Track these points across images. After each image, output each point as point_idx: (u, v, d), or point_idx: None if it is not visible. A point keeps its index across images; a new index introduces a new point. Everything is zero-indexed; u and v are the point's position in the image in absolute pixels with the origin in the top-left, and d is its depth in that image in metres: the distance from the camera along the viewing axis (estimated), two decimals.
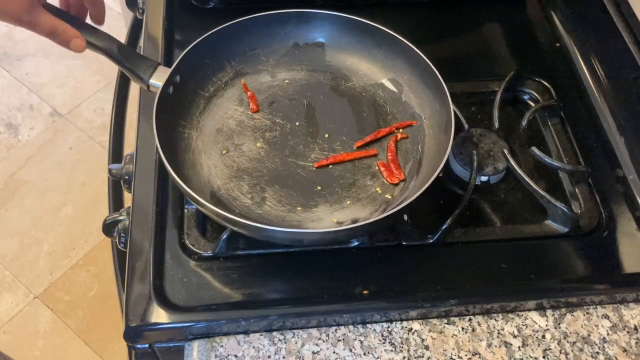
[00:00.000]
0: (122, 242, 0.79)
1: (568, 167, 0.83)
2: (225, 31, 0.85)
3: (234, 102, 0.87)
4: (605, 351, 0.72)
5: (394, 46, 0.86)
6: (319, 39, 0.90)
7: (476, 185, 0.82)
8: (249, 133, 0.84)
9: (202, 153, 0.81)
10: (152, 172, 0.81)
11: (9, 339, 1.66)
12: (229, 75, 0.89)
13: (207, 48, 0.85)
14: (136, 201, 0.79)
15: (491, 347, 0.72)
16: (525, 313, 0.75)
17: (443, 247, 0.78)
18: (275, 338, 0.72)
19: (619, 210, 0.82)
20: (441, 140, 0.78)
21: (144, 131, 0.85)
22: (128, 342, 0.72)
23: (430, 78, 0.82)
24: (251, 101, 0.86)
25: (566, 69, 0.98)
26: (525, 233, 0.80)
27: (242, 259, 0.75)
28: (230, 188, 0.78)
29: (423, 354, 0.71)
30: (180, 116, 0.83)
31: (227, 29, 0.85)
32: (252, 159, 0.81)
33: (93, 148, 1.66)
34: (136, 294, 0.72)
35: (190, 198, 0.70)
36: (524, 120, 0.89)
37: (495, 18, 1.06)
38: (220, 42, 0.86)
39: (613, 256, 0.79)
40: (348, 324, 0.73)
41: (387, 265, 0.75)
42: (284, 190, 0.78)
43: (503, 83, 0.91)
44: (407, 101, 0.86)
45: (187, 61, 0.83)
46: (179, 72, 0.82)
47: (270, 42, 0.90)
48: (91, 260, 1.79)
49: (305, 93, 0.88)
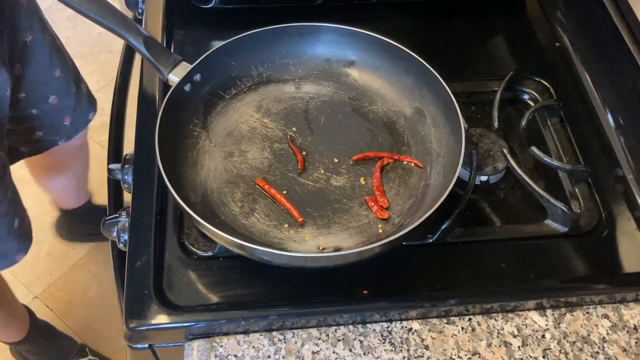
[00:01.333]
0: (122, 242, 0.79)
1: (568, 167, 0.83)
2: (257, 36, 0.85)
3: (252, 108, 0.86)
4: (605, 351, 0.72)
5: (423, 76, 0.83)
6: (351, 57, 0.89)
7: (476, 185, 0.82)
8: (258, 141, 0.83)
9: (207, 154, 0.81)
10: (152, 172, 0.81)
11: None
12: (253, 80, 0.88)
13: (235, 51, 0.85)
14: (136, 201, 0.80)
15: (491, 346, 0.72)
16: (525, 313, 0.75)
17: (443, 246, 0.78)
18: (275, 338, 0.72)
19: (619, 210, 0.82)
20: (447, 180, 0.74)
21: (143, 131, 0.85)
22: (128, 342, 0.72)
23: (452, 114, 0.79)
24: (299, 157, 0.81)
25: (566, 68, 0.98)
26: (525, 233, 0.80)
27: (242, 259, 0.75)
28: (223, 193, 0.78)
29: (423, 354, 0.71)
30: (193, 114, 0.83)
31: (259, 34, 0.85)
32: (254, 167, 0.81)
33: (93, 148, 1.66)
34: (136, 294, 0.72)
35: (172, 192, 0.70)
36: (524, 120, 0.89)
37: (495, 18, 1.06)
38: (250, 47, 0.86)
39: (613, 256, 0.79)
40: (348, 324, 0.73)
41: (386, 265, 0.75)
42: (275, 204, 0.77)
43: (503, 83, 0.91)
44: (427, 134, 0.83)
45: (211, 61, 0.83)
46: (200, 71, 0.82)
47: (302, 53, 0.89)
48: (91, 260, 1.79)
49: (325, 110, 0.87)
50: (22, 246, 1.16)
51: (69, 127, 1.27)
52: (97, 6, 0.79)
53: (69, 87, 1.23)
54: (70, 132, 1.29)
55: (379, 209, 0.77)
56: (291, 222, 0.76)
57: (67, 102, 1.24)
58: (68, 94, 1.23)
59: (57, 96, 1.20)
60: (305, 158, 0.82)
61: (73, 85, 1.24)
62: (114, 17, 0.79)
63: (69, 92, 1.23)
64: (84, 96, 1.27)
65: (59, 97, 1.21)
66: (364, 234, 0.75)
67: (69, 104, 1.24)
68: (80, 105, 1.26)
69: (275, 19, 0.87)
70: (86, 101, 1.28)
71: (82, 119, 1.29)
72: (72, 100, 1.24)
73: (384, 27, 0.88)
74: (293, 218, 0.76)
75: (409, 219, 0.76)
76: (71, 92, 1.24)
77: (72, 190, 1.62)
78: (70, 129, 1.28)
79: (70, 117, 1.26)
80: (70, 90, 1.23)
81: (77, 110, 1.26)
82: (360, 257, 0.68)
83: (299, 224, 0.76)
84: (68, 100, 1.24)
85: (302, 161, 0.81)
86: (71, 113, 1.26)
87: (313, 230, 0.76)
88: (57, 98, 1.20)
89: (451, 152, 0.78)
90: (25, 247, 1.17)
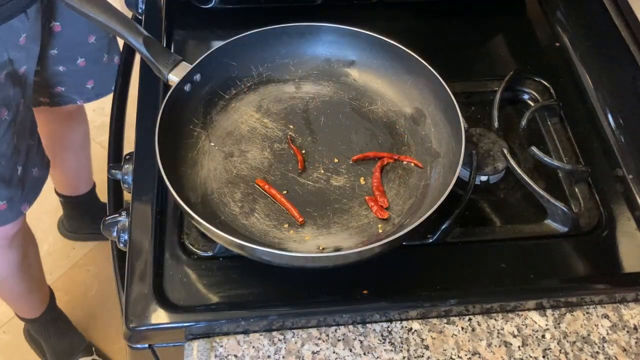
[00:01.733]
0: (122, 242, 0.79)
1: (567, 167, 0.83)
2: (257, 36, 0.85)
3: (252, 108, 0.86)
4: (605, 351, 0.72)
5: (423, 76, 0.83)
6: (351, 57, 0.89)
7: (476, 185, 0.82)
8: (258, 141, 0.83)
9: (207, 154, 0.81)
10: (152, 172, 0.81)
11: (9, 339, 1.66)
12: (253, 80, 0.88)
13: (235, 51, 0.85)
14: (136, 201, 0.80)
15: (491, 346, 0.72)
16: (525, 313, 0.75)
17: (443, 246, 0.78)
18: (275, 338, 0.72)
19: (619, 209, 0.82)
20: (446, 180, 0.74)
21: (143, 131, 0.85)
22: (128, 342, 0.72)
23: (452, 114, 0.79)
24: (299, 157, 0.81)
25: (566, 68, 0.98)
26: (525, 233, 0.80)
27: (242, 259, 0.75)
28: (223, 193, 0.78)
29: (423, 354, 0.71)
30: (193, 114, 0.83)
31: (259, 34, 0.85)
32: (254, 167, 0.81)
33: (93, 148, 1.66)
34: (136, 294, 0.72)
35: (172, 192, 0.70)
36: (524, 120, 0.89)
37: (495, 18, 1.07)
38: (250, 46, 0.86)
39: (613, 256, 0.79)
40: (348, 324, 0.73)
41: (386, 265, 0.75)
42: (275, 204, 0.77)
43: (503, 83, 0.91)
44: (427, 134, 0.83)
45: (211, 61, 0.83)
46: (200, 71, 0.82)
47: (302, 53, 0.89)
48: (91, 260, 1.79)
49: (325, 110, 0.87)
50: (27, 197, 1.20)
51: (90, 90, 1.33)
52: (97, 6, 0.79)
53: (100, 54, 1.28)
54: (91, 96, 1.35)
55: (379, 209, 0.77)
56: (291, 222, 0.76)
57: (95, 67, 1.28)
58: (97, 61, 1.28)
59: (86, 60, 1.25)
60: (305, 158, 0.82)
61: (104, 55, 1.28)
62: (114, 17, 0.79)
63: (98, 59, 1.28)
64: (113, 67, 1.31)
65: (88, 61, 1.26)
66: (364, 234, 0.75)
67: (95, 69, 1.29)
68: (106, 74, 1.31)
69: (275, 19, 0.87)
70: (114, 72, 1.32)
71: (106, 86, 1.34)
72: (99, 67, 1.29)
73: (384, 27, 0.88)
74: (293, 218, 0.76)
75: (409, 219, 0.76)
76: (101, 59, 1.28)
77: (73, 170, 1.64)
78: (91, 93, 1.34)
79: (93, 81, 1.31)
80: (100, 57, 1.28)
81: (102, 77, 1.31)
82: (360, 257, 0.68)
83: (299, 224, 0.76)
84: (95, 66, 1.28)
85: (302, 161, 0.81)
86: (95, 78, 1.31)
87: (313, 230, 0.75)
88: (85, 62, 1.25)
89: (451, 152, 0.78)
90: (30, 198, 1.21)
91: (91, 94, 1.34)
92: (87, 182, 1.71)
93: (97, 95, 1.35)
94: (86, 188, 1.70)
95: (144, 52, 0.80)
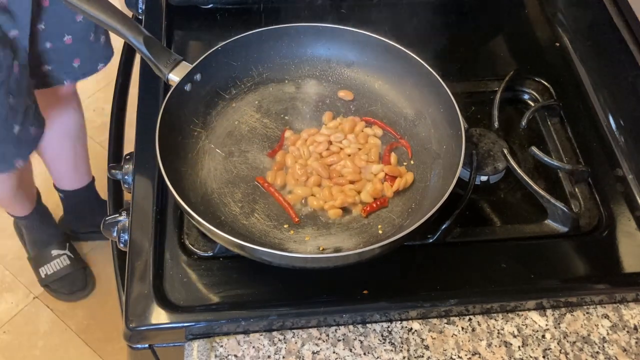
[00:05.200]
0: (122, 242, 0.79)
1: (568, 167, 0.83)
2: (257, 36, 0.85)
3: (252, 108, 0.86)
4: (605, 351, 0.72)
5: (423, 76, 0.82)
6: (351, 57, 0.89)
7: (476, 185, 0.82)
8: (257, 141, 0.83)
9: (207, 154, 0.81)
10: (152, 172, 0.81)
11: (9, 339, 1.66)
12: (253, 80, 0.88)
13: (235, 51, 0.85)
14: (136, 201, 0.80)
15: (491, 346, 0.72)
16: (525, 313, 0.75)
17: (443, 247, 0.78)
18: (275, 338, 0.72)
19: (619, 209, 0.82)
20: (447, 181, 0.74)
21: (143, 131, 0.85)
22: (128, 342, 0.72)
23: (452, 115, 0.79)
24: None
25: (566, 68, 0.98)
26: (525, 233, 0.80)
27: (242, 259, 0.75)
28: (223, 193, 0.78)
29: (423, 354, 0.71)
30: (193, 114, 0.83)
31: (259, 34, 0.85)
32: (254, 167, 0.81)
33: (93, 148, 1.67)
34: (136, 294, 0.72)
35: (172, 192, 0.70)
36: (524, 119, 0.89)
37: (496, 18, 1.07)
38: (251, 46, 0.86)
39: (613, 256, 0.79)
40: (348, 324, 0.73)
41: (386, 265, 0.75)
42: (276, 205, 0.77)
43: (503, 83, 0.91)
44: (427, 135, 0.83)
45: (212, 61, 0.83)
46: (200, 71, 0.82)
47: (302, 53, 0.88)
48: (91, 260, 1.79)
49: (324, 110, 0.86)
50: (21, 153, 1.26)
51: (77, 69, 1.36)
52: (97, 5, 0.79)
53: (86, 33, 1.31)
54: (77, 75, 1.38)
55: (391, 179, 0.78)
56: (291, 223, 0.76)
57: (80, 46, 1.32)
58: (83, 40, 1.31)
59: (73, 37, 1.29)
60: None
61: (91, 34, 1.32)
62: (114, 16, 0.79)
63: (84, 38, 1.31)
64: (99, 47, 1.36)
65: (74, 39, 1.29)
66: (364, 235, 0.75)
67: (81, 48, 1.32)
68: (92, 53, 1.35)
69: (275, 19, 0.87)
70: (100, 51, 1.38)
71: (92, 65, 1.38)
72: (86, 46, 1.32)
73: (384, 27, 0.88)
74: None
75: (409, 220, 0.76)
76: (87, 38, 1.32)
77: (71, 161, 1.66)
78: (77, 71, 1.37)
79: (79, 60, 1.34)
80: (86, 36, 1.31)
81: (88, 55, 1.35)
82: (360, 258, 0.68)
83: (298, 224, 0.76)
84: (82, 45, 1.32)
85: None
86: (81, 57, 1.34)
87: (313, 231, 0.76)
88: (72, 39, 1.29)
89: (451, 153, 0.78)
90: (24, 154, 1.27)
91: (78, 72, 1.37)
92: (86, 173, 1.72)
93: (83, 74, 1.38)
94: (85, 181, 1.71)
95: (145, 52, 0.80)
